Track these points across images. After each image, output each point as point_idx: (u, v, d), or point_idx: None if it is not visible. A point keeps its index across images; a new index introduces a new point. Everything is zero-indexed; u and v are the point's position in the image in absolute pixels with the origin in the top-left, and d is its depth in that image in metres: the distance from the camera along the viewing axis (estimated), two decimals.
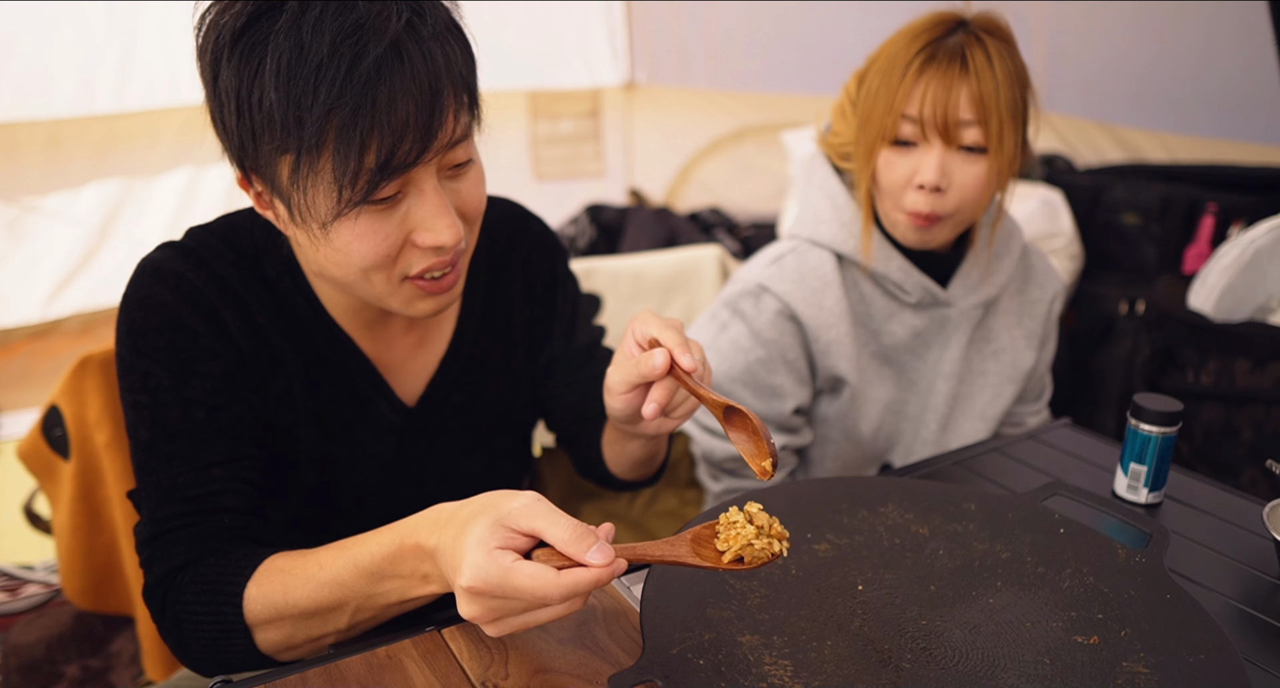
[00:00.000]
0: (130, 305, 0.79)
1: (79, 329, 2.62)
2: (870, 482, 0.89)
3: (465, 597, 0.60)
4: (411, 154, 0.69)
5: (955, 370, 1.20)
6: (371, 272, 0.74)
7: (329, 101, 0.65)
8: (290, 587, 0.71)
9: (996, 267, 1.20)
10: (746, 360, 1.16)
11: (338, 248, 0.73)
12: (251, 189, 0.76)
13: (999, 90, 1.02)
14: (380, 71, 0.66)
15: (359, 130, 0.66)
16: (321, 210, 0.70)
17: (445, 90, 0.69)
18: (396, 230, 0.73)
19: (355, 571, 0.69)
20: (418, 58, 0.67)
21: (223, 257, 0.82)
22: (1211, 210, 2.33)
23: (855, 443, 1.21)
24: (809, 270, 1.16)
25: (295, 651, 0.74)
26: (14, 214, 2.47)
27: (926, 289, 1.15)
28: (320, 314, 0.86)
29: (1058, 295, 1.28)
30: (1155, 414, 0.89)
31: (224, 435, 0.78)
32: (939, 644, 0.66)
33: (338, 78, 0.65)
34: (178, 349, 0.78)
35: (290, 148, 0.68)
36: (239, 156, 0.73)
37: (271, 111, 0.66)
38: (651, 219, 3.03)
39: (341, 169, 0.67)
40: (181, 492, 0.76)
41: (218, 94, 0.70)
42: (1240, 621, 0.75)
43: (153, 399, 0.77)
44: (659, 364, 0.72)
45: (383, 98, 0.66)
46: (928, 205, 1.06)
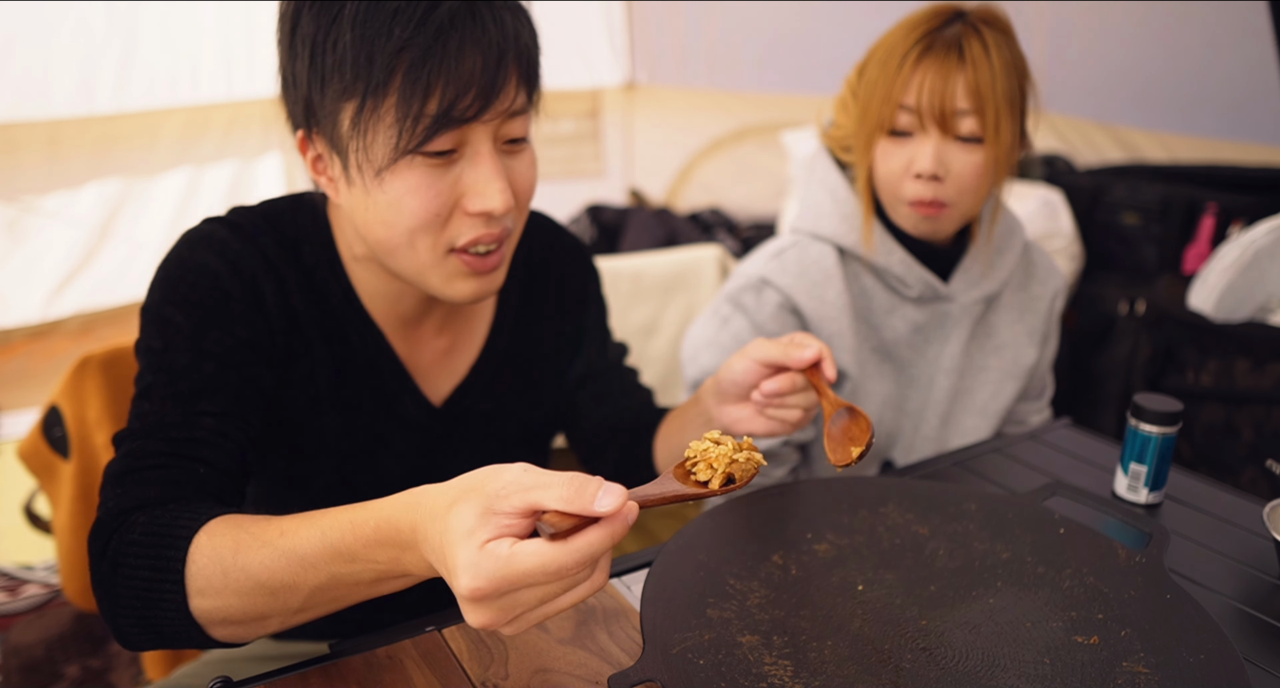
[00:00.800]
0: (169, 265, 0.79)
1: (79, 329, 2.62)
2: (870, 482, 0.89)
3: (470, 605, 0.53)
4: (473, 109, 0.71)
5: (956, 366, 1.20)
6: (418, 233, 0.75)
7: (401, 41, 0.68)
8: (243, 545, 0.63)
9: (998, 262, 1.20)
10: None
11: (388, 202, 0.73)
12: (311, 150, 0.78)
13: (995, 80, 1.02)
14: (454, 22, 0.69)
15: (426, 73, 0.69)
16: (379, 156, 0.72)
17: (510, 56, 0.72)
18: (449, 191, 0.74)
19: (322, 546, 0.61)
20: (489, 18, 0.71)
21: (267, 235, 0.83)
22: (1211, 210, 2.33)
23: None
24: (810, 264, 1.16)
25: (232, 627, 0.65)
26: (14, 214, 2.47)
27: (927, 283, 1.15)
28: (355, 306, 0.86)
29: (1059, 292, 1.28)
30: (1155, 414, 0.89)
31: (226, 392, 0.77)
32: (939, 644, 0.66)
33: (412, 20, 0.68)
34: (206, 305, 0.78)
35: (357, 90, 0.70)
36: (305, 110, 0.75)
37: (345, 53, 0.70)
38: (651, 219, 3.03)
39: (404, 111, 0.70)
40: (165, 431, 0.73)
41: (293, 46, 0.74)
42: (1240, 621, 0.75)
43: (165, 344, 0.76)
44: (806, 356, 0.80)
45: (453, 45, 0.69)
46: (929, 192, 1.06)
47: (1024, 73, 1.06)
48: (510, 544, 0.51)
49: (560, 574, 0.51)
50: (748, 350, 0.83)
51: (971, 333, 1.21)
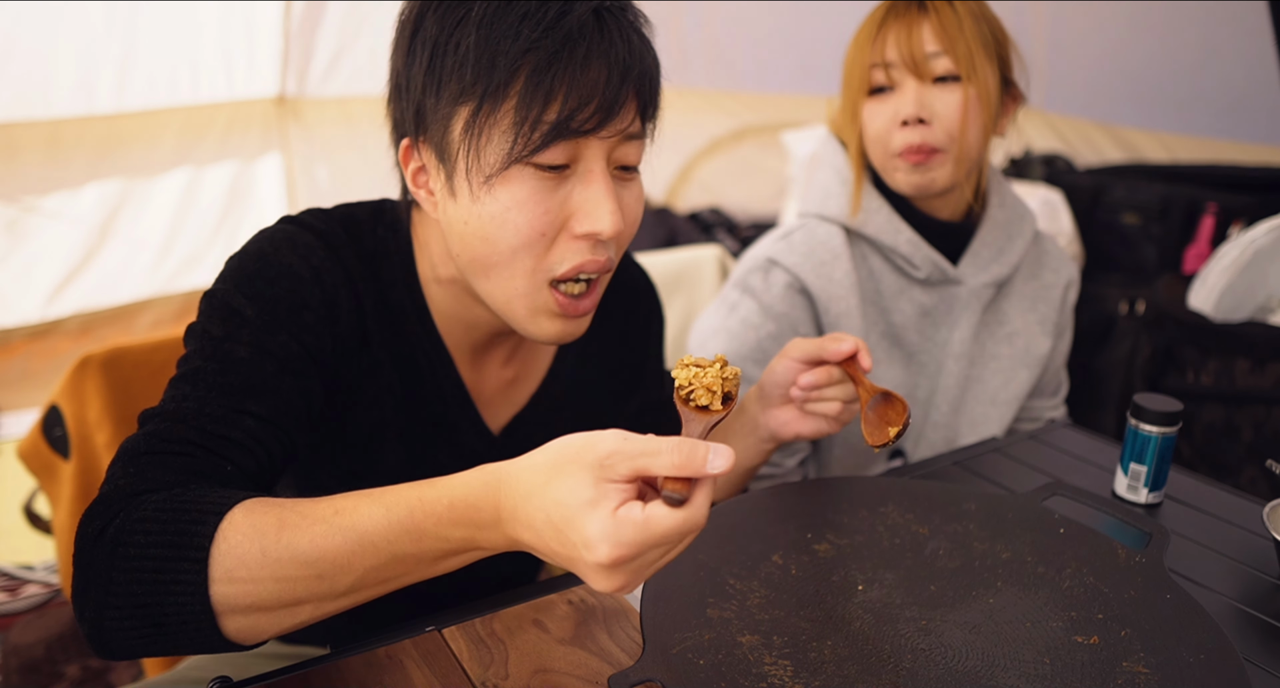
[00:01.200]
0: (248, 257, 0.75)
1: (79, 329, 2.62)
2: (870, 482, 0.89)
3: (605, 572, 0.53)
4: (592, 121, 0.69)
5: (965, 351, 1.19)
6: (521, 252, 0.72)
7: (528, 43, 0.67)
8: (288, 523, 0.58)
9: (1008, 246, 1.20)
10: (757, 336, 1.16)
11: (493, 215, 0.71)
12: (414, 161, 0.75)
13: (961, 21, 1.06)
14: (583, 31, 0.68)
15: (550, 77, 0.67)
16: (490, 161, 0.70)
17: (633, 76, 0.70)
18: (557, 209, 0.72)
19: (387, 523, 0.58)
20: (616, 34, 0.70)
21: (349, 247, 0.79)
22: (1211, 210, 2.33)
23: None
24: (818, 244, 1.16)
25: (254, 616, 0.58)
26: (14, 214, 2.47)
27: (935, 264, 1.15)
28: (428, 329, 0.83)
29: (1072, 283, 1.28)
30: (1155, 414, 0.89)
31: (278, 397, 0.71)
32: (939, 644, 0.66)
33: (541, 24, 0.67)
34: (282, 305, 0.73)
35: (475, 92, 0.68)
36: (416, 116, 0.73)
37: (467, 54, 0.68)
38: (651, 219, 3.04)
39: (522, 116, 0.68)
40: (202, 420, 0.67)
41: (412, 49, 0.72)
42: (1240, 621, 0.75)
43: (226, 333, 0.71)
44: (843, 348, 0.83)
45: (579, 54, 0.67)
46: (916, 137, 1.08)
47: (995, 24, 1.09)
48: (641, 509, 0.52)
49: (692, 533, 0.53)
50: (787, 351, 0.88)
51: (982, 319, 1.21)
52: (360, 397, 0.81)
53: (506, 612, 0.73)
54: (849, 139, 1.15)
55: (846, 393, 0.87)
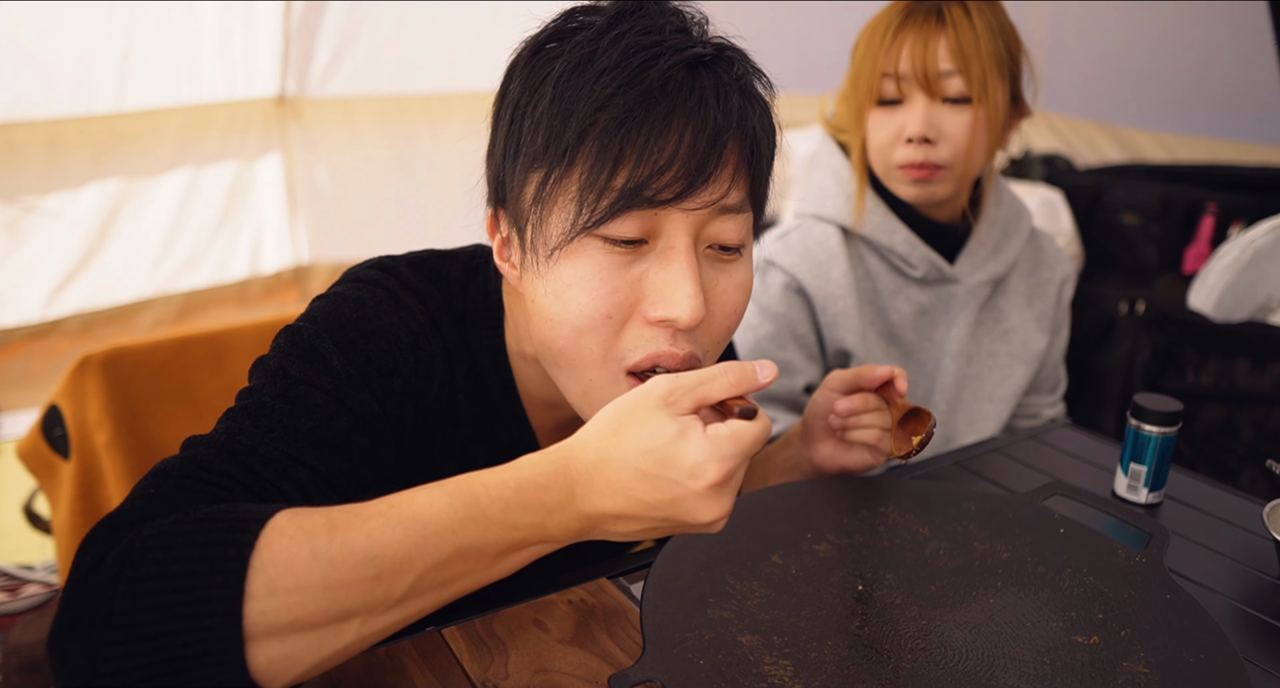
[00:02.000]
0: (345, 302, 0.70)
1: (79, 329, 2.62)
2: (870, 482, 0.89)
3: (716, 493, 0.52)
4: (670, 191, 0.61)
5: (963, 349, 1.19)
6: (586, 335, 0.64)
7: (600, 101, 0.60)
8: (339, 522, 0.50)
9: (1004, 244, 1.20)
10: (756, 338, 1.16)
11: (556, 292, 0.64)
12: (498, 232, 0.70)
13: (978, 40, 1.04)
14: (665, 86, 0.60)
15: (620, 140, 0.60)
16: (555, 232, 0.63)
17: (729, 138, 0.62)
18: (627, 289, 0.63)
19: (450, 511, 0.51)
20: (710, 92, 0.61)
21: (443, 313, 0.74)
22: (1211, 210, 2.33)
23: None
24: (815, 244, 1.16)
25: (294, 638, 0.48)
26: (14, 214, 2.47)
27: (932, 263, 1.15)
28: (512, 401, 0.77)
29: (1068, 279, 1.28)
30: (1155, 414, 0.89)
31: (342, 455, 0.64)
32: (939, 644, 0.66)
33: (617, 80, 0.60)
34: (372, 363, 0.67)
35: (547, 157, 0.62)
36: (497, 183, 0.68)
37: (541, 116, 0.62)
38: None
39: (589, 182, 0.61)
40: (252, 459, 0.59)
41: (499, 113, 0.67)
42: (1240, 621, 0.75)
43: (305, 375, 0.65)
44: (879, 374, 0.84)
45: (659, 114, 0.60)
46: (920, 155, 1.07)
47: (1012, 37, 1.08)
48: (724, 423, 0.53)
49: (765, 439, 0.54)
50: (827, 382, 0.87)
51: (979, 317, 1.21)
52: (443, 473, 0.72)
53: (506, 612, 0.73)
54: (852, 144, 1.15)
55: (885, 420, 0.86)
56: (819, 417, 0.88)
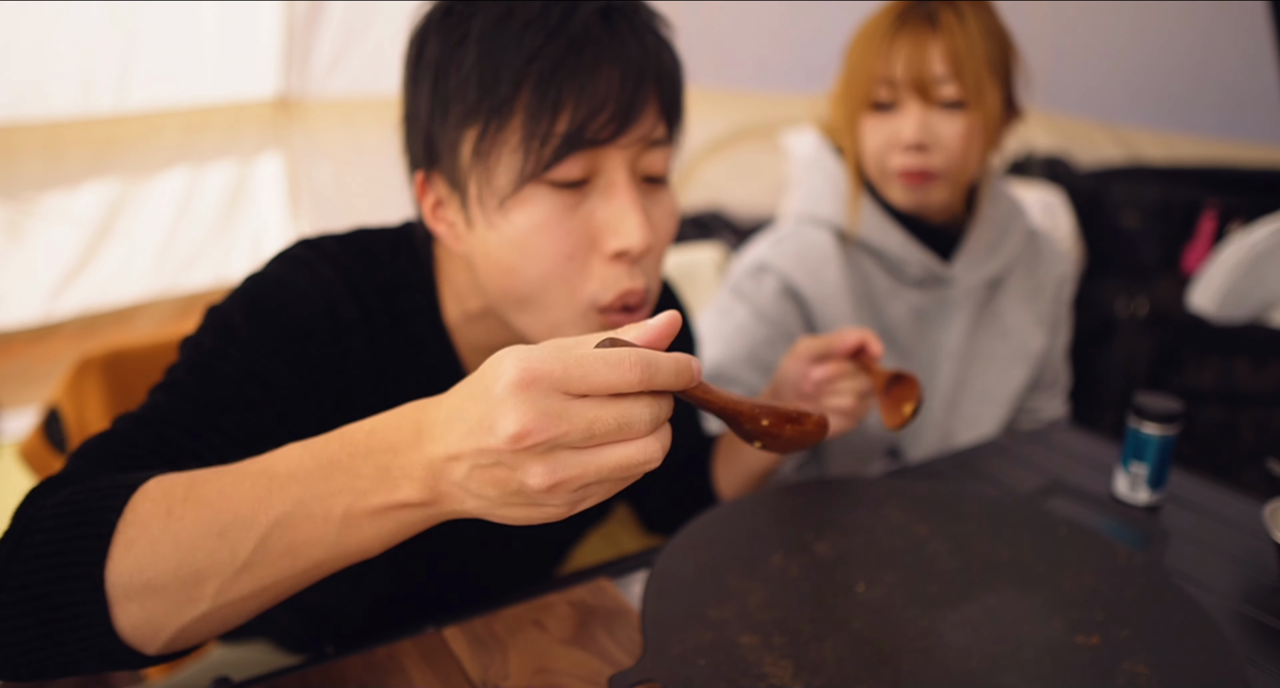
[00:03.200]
0: (259, 278, 0.72)
1: (79, 330, 2.62)
2: (870, 482, 0.89)
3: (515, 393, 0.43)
4: (607, 130, 0.64)
5: (959, 351, 1.19)
6: (551, 280, 0.67)
7: (530, 53, 0.62)
8: (201, 479, 0.51)
9: (1000, 244, 1.20)
10: (751, 342, 1.16)
11: (513, 241, 0.66)
12: (430, 194, 0.72)
13: (972, 44, 1.03)
14: (589, 33, 0.63)
15: (555, 87, 0.63)
16: (502, 183, 0.65)
17: (651, 77, 0.66)
18: (581, 228, 0.67)
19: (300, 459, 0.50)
20: (628, 34, 0.65)
21: (365, 281, 0.74)
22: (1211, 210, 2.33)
23: (860, 427, 1.21)
24: (809, 247, 1.16)
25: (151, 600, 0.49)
26: (14, 214, 2.47)
27: (927, 265, 1.15)
28: (453, 365, 0.79)
29: (1066, 278, 1.28)
30: (1155, 414, 0.89)
31: (256, 420, 0.66)
32: (939, 644, 0.66)
33: (543, 30, 0.63)
34: (283, 330, 0.69)
35: (481, 112, 0.64)
36: (425, 145, 0.69)
37: (469, 73, 0.64)
38: None
39: (530, 131, 0.63)
40: (165, 427, 0.62)
41: (417, 75, 0.68)
42: (1240, 621, 0.75)
43: (216, 348, 0.67)
44: (849, 339, 0.83)
45: (587, 59, 0.63)
46: (916, 162, 1.07)
47: (1005, 41, 1.07)
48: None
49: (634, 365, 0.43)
50: (795, 350, 0.86)
51: (976, 318, 1.21)
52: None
53: (506, 612, 0.73)
54: (846, 148, 1.15)
55: (860, 386, 0.86)
56: (789, 385, 0.87)
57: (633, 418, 0.44)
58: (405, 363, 0.77)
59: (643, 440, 0.45)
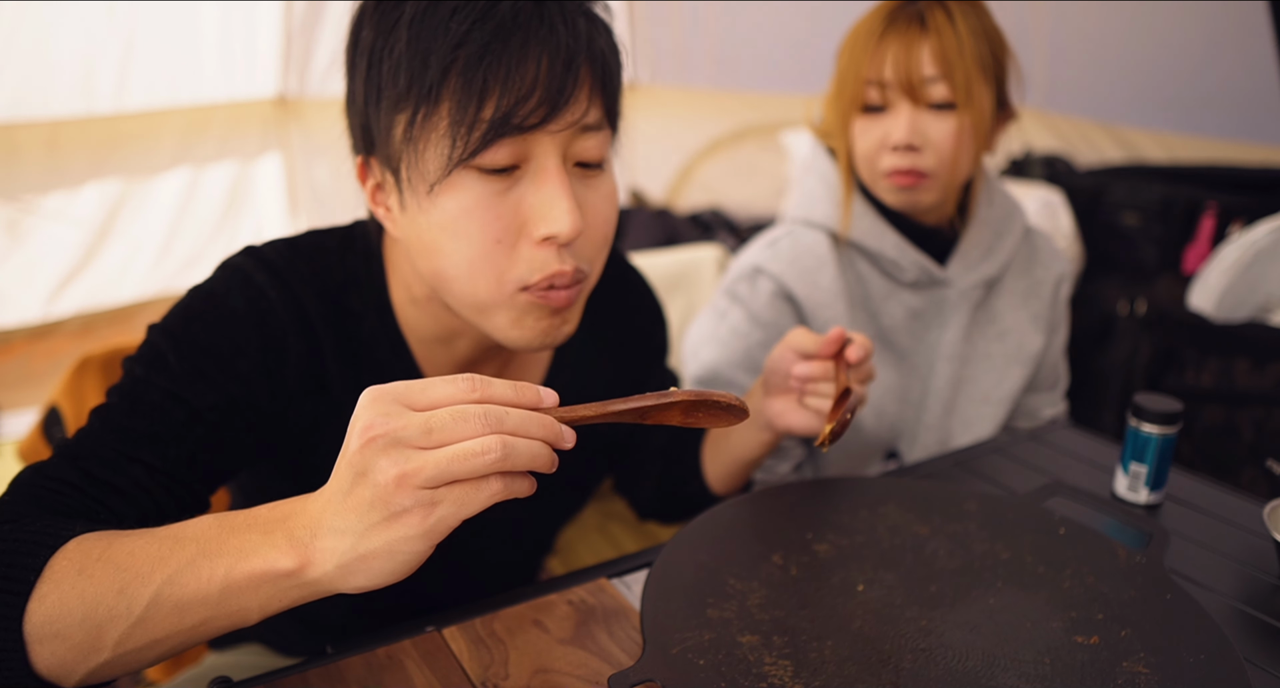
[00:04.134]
0: (196, 294, 0.73)
1: (79, 329, 2.62)
2: (870, 482, 0.89)
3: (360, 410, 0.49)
4: (535, 116, 0.64)
5: (956, 352, 1.19)
6: (479, 264, 0.67)
7: (457, 38, 0.63)
8: (118, 539, 0.55)
9: (996, 245, 1.20)
10: (746, 344, 1.16)
11: (442, 224, 0.67)
12: (370, 178, 0.72)
13: (962, 45, 1.03)
14: (518, 18, 0.63)
15: (482, 73, 0.62)
16: (431, 168, 0.65)
17: (581, 61, 0.65)
18: (510, 214, 0.67)
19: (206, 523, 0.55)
20: (558, 19, 0.64)
21: (308, 285, 0.75)
22: (1211, 210, 2.33)
23: (858, 429, 1.21)
24: (804, 250, 1.16)
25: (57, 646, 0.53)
26: (14, 214, 2.47)
27: (922, 267, 1.15)
28: (403, 358, 0.79)
29: (1064, 277, 1.28)
30: (1155, 414, 0.89)
31: (179, 447, 0.68)
32: (939, 644, 0.66)
33: (470, 16, 0.63)
34: (210, 352, 0.70)
35: (411, 97, 0.64)
36: (363, 130, 0.70)
37: (400, 58, 0.64)
38: (652, 219, 3.03)
39: (458, 116, 0.63)
40: (89, 462, 0.65)
41: (354, 60, 0.69)
42: (1240, 621, 0.75)
43: (146, 373, 0.69)
44: (831, 338, 0.81)
45: (514, 45, 0.63)
46: (906, 162, 1.07)
47: (997, 41, 1.07)
48: None
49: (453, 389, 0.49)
50: (787, 339, 0.85)
51: (972, 319, 1.21)
52: (317, 443, 0.77)
53: (506, 612, 0.73)
54: (838, 150, 1.15)
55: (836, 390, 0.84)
56: (777, 372, 0.86)
57: (467, 413, 0.49)
58: (354, 361, 0.77)
59: (481, 438, 0.49)
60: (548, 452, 0.52)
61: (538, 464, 0.51)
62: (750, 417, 0.90)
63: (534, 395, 0.52)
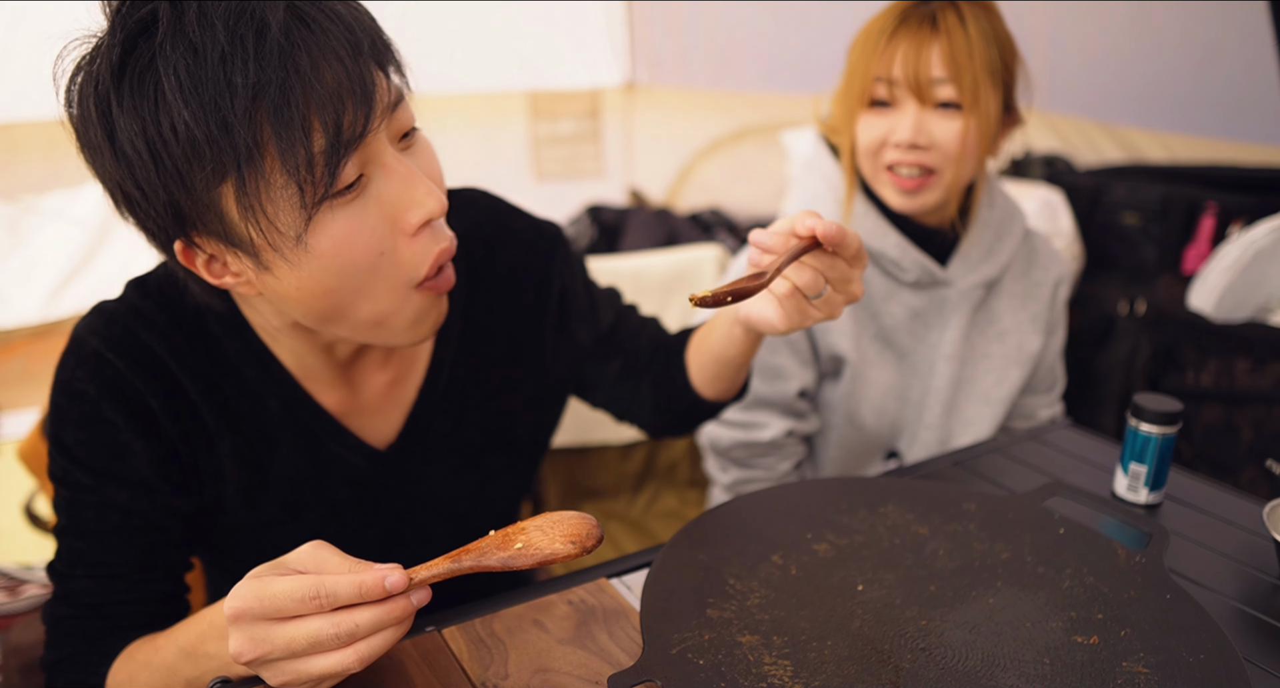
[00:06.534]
0: (57, 387, 0.74)
1: None
2: (870, 482, 0.89)
3: (230, 630, 0.58)
4: (359, 122, 0.61)
5: (956, 352, 1.20)
6: (371, 281, 0.67)
7: (251, 89, 0.57)
8: (135, 675, 0.71)
9: (997, 246, 1.20)
10: None
11: (324, 267, 0.64)
12: (200, 256, 0.67)
13: (972, 48, 1.03)
14: (291, 38, 0.58)
15: (294, 108, 0.58)
16: (289, 223, 0.62)
17: (365, 46, 0.63)
18: (376, 221, 0.65)
19: (178, 652, 0.68)
20: (323, 18, 0.61)
21: (154, 325, 0.74)
22: (1211, 210, 2.33)
23: (859, 428, 1.21)
24: None
25: None
26: (14, 214, 2.47)
27: (924, 267, 1.15)
28: (274, 372, 0.78)
29: (1063, 280, 1.28)
30: (1155, 414, 0.89)
31: (137, 542, 0.75)
32: (939, 644, 0.66)
33: (249, 60, 0.57)
34: (96, 446, 0.72)
35: (228, 166, 0.59)
36: (174, 217, 0.63)
37: (190, 133, 0.58)
38: (651, 219, 3.03)
39: (292, 163, 0.59)
40: (80, 597, 0.75)
41: (120, 154, 0.60)
42: (1240, 621, 0.75)
43: (71, 494, 0.74)
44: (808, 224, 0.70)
45: (305, 64, 0.59)
46: (910, 157, 1.07)
47: (1007, 46, 1.07)
48: (276, 574, 0.58)
49: (312, 598, 0.56)
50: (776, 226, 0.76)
51: (972, 319, 1.21)
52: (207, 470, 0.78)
53: (506, 612, 0.73)
54: (842, 146, 1.15)
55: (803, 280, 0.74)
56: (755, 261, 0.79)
57: (322, 636, 0.57)
58: (217, 393, 0.76)
59: (339, 653, 0.58)
60: (404, 630, 0.61)
61: (394, 641, 0.60)
62: (722, 313, 0.86)
63: (378, 589, 0.58)
